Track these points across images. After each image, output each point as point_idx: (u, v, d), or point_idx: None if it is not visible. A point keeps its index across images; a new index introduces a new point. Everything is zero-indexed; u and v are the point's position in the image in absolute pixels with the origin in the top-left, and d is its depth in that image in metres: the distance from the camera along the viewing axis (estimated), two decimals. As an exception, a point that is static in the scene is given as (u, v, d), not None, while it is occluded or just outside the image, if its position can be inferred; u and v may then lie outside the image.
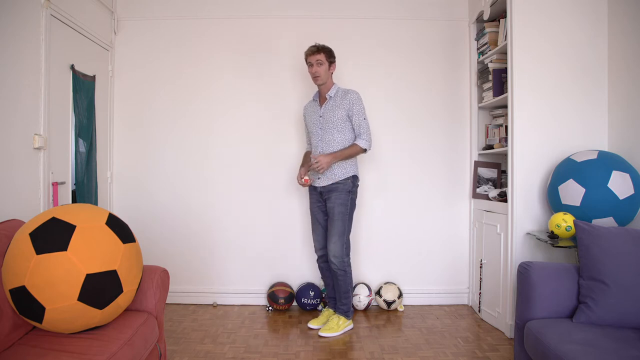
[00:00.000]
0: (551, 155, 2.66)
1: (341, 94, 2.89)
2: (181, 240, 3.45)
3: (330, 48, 2.90)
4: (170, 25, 3.45)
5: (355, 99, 2.84)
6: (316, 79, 2.88)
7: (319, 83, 2.89)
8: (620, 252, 1.86)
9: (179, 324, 3.00)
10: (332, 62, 2.91)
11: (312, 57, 2.85)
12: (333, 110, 2.85)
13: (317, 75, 2.86)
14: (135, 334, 1.79)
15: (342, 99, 2.85)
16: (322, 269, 3.05)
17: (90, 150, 2.99)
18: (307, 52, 2.87)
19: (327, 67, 2.88)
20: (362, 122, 2.84)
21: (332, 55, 2.89)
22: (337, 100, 2.87)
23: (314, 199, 2.97)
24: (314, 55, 2.84)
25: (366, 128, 2.84)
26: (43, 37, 2.48)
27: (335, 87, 2.92)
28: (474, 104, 3.39)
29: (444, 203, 3.47)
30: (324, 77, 2.88)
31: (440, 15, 3.47)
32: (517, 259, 2.65)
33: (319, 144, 2.89)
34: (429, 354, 2.53)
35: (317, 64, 2.84)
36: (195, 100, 3.46)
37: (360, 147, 2.82)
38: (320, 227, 2.96)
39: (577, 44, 2.67)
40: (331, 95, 2.89)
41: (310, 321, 2.98)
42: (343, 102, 2.84)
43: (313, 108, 2.99)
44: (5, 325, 1.63)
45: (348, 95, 2.85)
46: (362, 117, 2.84)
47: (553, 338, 1.70)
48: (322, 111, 2.90)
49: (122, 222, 1.86)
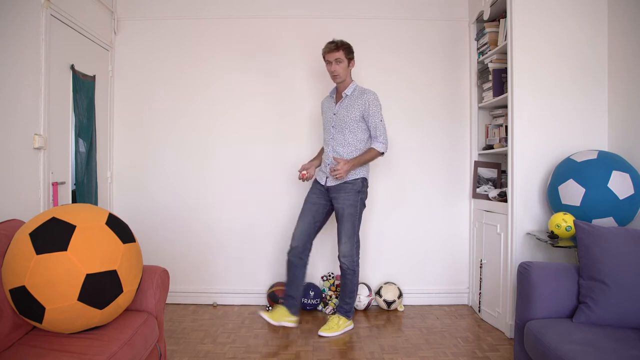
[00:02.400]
0: (551, 155, 2.66)
1: (357, 93, 2.78)
2: (181, 240, 3.45)
3: (349, 44, 2.77)
4: (170, 25, 3.45)
5: (372, 99, 2.74)
6: (335, 78, 2.78)
7: (338, 81, 2.80)
8: (620, 252, 1.86)
9: (179, 324, 3.00)
10: (352, 59, 2.80)
11: (330, 55, 2.73)
12: (347, 109, 2.77)
13: (336, 74, 2.76)
14: (135, 334, 1.79)
15: (358, 98, 2.76)
16: (290, 264, 2.81)
17: (90, 150, 2.99)
18: (325, 49, 2.76)
19: (347, 64, 2.77)
20: (378, 123, 2.74)
21: (351, 52, 2.78)
22: (353, 99, 2.77)
23: (316, 189, 2.87)
24: (333, 53, 2.72)
25: (382, 130, 2.75)
26: (43, 37, 2.48)
27: (353, 85, 2.82)
28: (474, 104, 3.39)
29: (444, 203, 3.47)
30: (343, 75, 2.77)
31: (440, 15, 3.47)
32: (517, 259, 2.65)
33: (331, 142, 2.83)
34: (429, 354, 2.53)
35: (335, 62, 2.74)
36: (196, 100, 3.46)
37: (377, 151, 2.75)
38: (308, 215, 2.82)
39: (577, 44, 2.67)
40: (347, 93, 2.80)
41: (267, 312, 2.79)
42: (358, 102, 2.75)
43: (329, 104, 2.90)
44: (5, 325, 1.63)
45: (364, 96, 2.75)
46: (378, 119, 2.74)
47: (553, 338, 1.70)
48: (337, 109, 2.82)
49: (122, 222, 1.86)
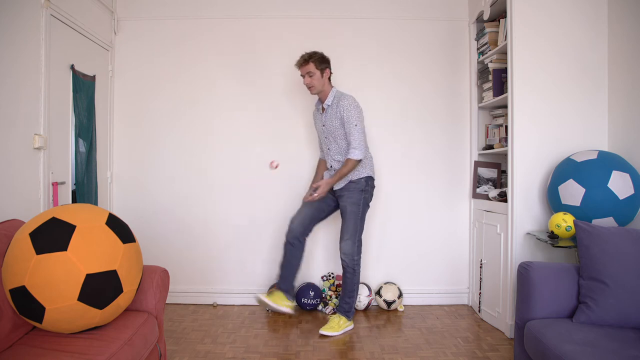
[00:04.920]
0: (551, 155, 2.66)
1: (336, 101, 2.78)
2: (181, 240, 3.45)
3: (320, 54, 2.77)
4: (170, 25, 3.45)
5: (346, 105, 2.71)
6: (311, 90, 2.82)
7: (314, 93, 2.84)
8: (620, 252, 1.86)
9: (179, 324, 3.00)
10: (325, 69, 2.78)
11: (302, 69, 2.78)
12: (331, 119, 2.80)
13: (310, 86, 2.79)
14: (135, 334, 1.79)
15: (337, 106, 2.76)
16: (287, 245, 2.86)
17: (90, 150, 2.99)
18: (296, 64, 2.80)
19: (320, 75, 2.76)
20: (352, 129, 2.71)
21: (322, 62, 2.77)
22: (333, 108, 2.79)
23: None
24: (303, 67, 2.76)
25: (357, 136, 2.71)
26: (43, 37, 2.48)
27: (333, 93, 2.82)
28: (474, 104, 3.39)
29: (444, 203, 3.47)
30: (319, 86, 2.79)
31: (440, 15, 3.47)
32: (517, 259, 2.65)
33: (328, 152, 2.90)
34: (429, 354, 2.53)
35: (307, 75, 2.77)
36: (196, 100, 3.45)
37: (353, 160, 2.72)
38: (305, 210, 2.87)
39: (577, 44, 2.67)
40: (329, 104, 2.81)
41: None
42: (337, 110, 2.76)
43: (317, 116, 2.96)
44: (5, 325, 1.63)
45: (340, 102, 2.75)
46: (352, 124, 2.70)
47: (553, 338, 1.70)
48: (324, 120, 2.86)
49: (122, 222, 1.86)
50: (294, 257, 2.88)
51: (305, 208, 2.91)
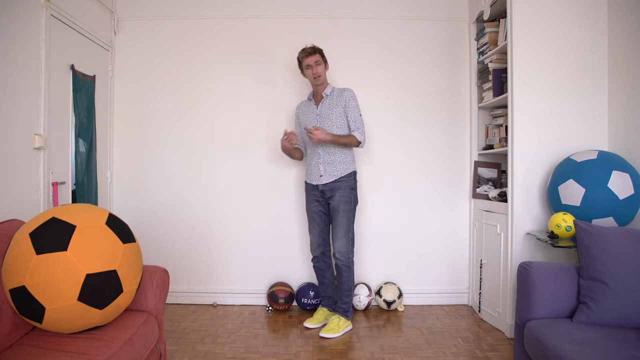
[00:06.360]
0: (551, 155, 2.66)
1: (337, 92, 2.94)
2: (181, 240, 3.45)
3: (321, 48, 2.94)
4: (170, 25, 3.45)
5: (351, 96, 2.90)
6: (317, 79, 2.90)
7: (320, 83, 2.92)
8: (620, 252, 1.86)
9: (179, 324, 3.00)
10: (327, 62, 2.97)
11: (309, 59, 2.87)
12: (331, 107, 2.89)
13: (318, 75, 2.88)
14: (135, 334, 1.79)
15: (339, 96, 2.91)
16: (317, 269, 3.04)
17: (90, 150, 2.99)
18: (303, 55, 2.89)
19: (324, 66, 2.93)
20: (357, 117, 2.88)
21: (324, 55, 2.95)
22: (333, 98, 2.92)
23: (313, 197, 2.97)
24: (311, 56, 2.87)
25: (361, 124, 2.89)
26: (43, 37, 2.48)
27: (330, 85, 2.98)
28: (474, 104, 3.39)
29: (444, 203, 3.47)
30: (324, 76, 2.94)
31: (440, 15, 3.47)
32: (517, 259, 2.65)
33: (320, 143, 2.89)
34: (429, 354, 2.53)
35: (316, 64, 2.88)
36: (196, 100, 3.45)
37: (356, 139, 2.85)
38: (317, 226, 2.97)
39: (577, 44, 2.67)
40: (327, 93, 2.94)
41: (307, 320, 2.97)
42: (340, 99, 2.89)
43: (308, 108, 3.01)
44: (5, 325, 1.63)
45: (345, 93, 2.90)
46: (357, 113, 2.89)
47: (553, 338, 1.71)
48: (320, 109, 2.93)
49: (122, 222, 1.86)
50: (325, 277, 3.03)
51: (313, 234, 3.01)
